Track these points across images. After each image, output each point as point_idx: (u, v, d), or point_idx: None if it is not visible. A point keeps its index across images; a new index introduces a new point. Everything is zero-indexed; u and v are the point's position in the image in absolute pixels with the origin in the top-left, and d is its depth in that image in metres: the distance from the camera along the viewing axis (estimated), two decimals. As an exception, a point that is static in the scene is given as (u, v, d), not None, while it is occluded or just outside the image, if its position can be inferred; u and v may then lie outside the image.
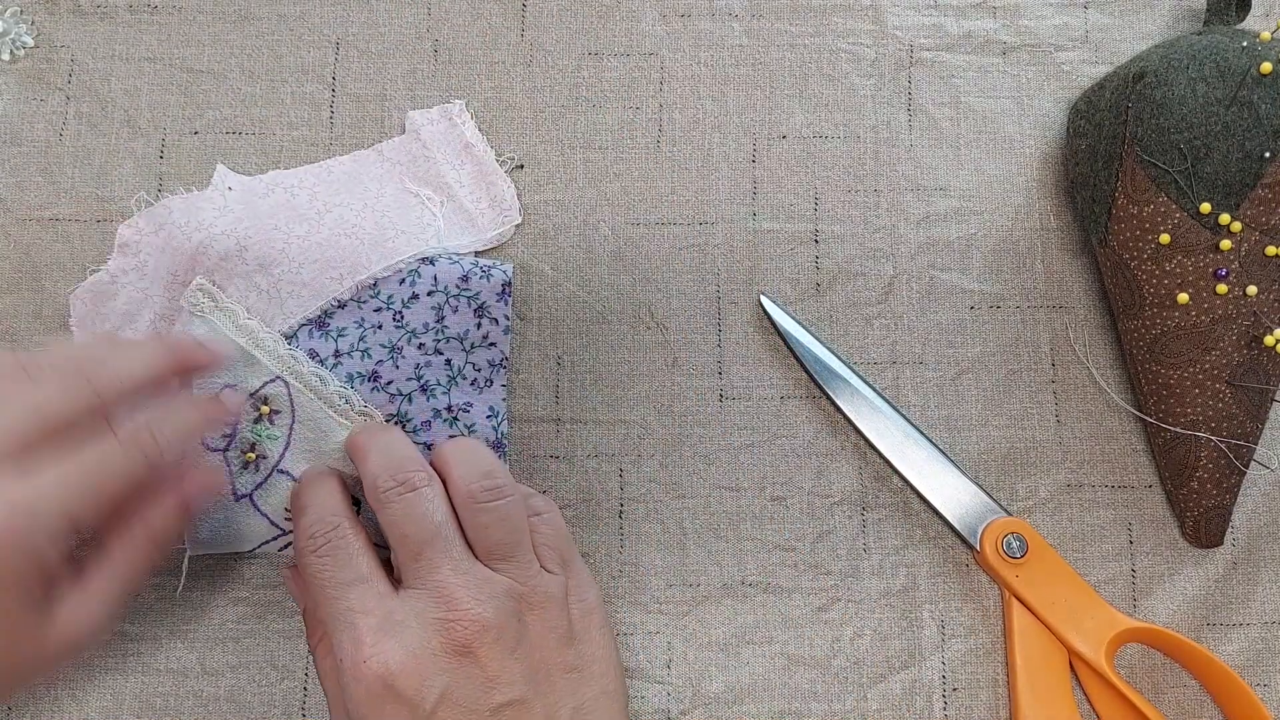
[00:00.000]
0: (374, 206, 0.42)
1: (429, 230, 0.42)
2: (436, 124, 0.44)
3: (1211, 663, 0.40)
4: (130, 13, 0.45)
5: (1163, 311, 0.40)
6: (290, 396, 0.38)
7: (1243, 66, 0.38)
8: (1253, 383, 0.40)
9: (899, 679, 0.41)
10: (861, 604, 0.42)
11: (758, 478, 0.43)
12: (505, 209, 0.44)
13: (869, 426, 0.42)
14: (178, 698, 0.40)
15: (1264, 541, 0.43)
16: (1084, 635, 0.40)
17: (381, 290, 0.41)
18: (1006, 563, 0.41)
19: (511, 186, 0.44)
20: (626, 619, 0.42)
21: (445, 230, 0.43)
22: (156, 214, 0.42)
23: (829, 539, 0.42)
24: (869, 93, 0.46)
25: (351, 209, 0.42)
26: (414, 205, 0.43)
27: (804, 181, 0.45)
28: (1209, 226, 0.39)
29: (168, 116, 0.44)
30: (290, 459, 0.38)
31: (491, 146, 0.44)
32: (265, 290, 0.40)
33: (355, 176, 0.43)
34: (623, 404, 0.43)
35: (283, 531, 0.38)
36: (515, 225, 0.44)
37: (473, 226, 0.43)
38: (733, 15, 0.46)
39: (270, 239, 0.40)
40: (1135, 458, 0.43)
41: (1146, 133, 0.39)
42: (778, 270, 0.44)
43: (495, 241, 0.43)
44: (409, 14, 0.46)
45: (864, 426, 0.42)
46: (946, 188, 0.45)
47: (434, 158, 0.44)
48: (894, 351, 0.44)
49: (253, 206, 0.42)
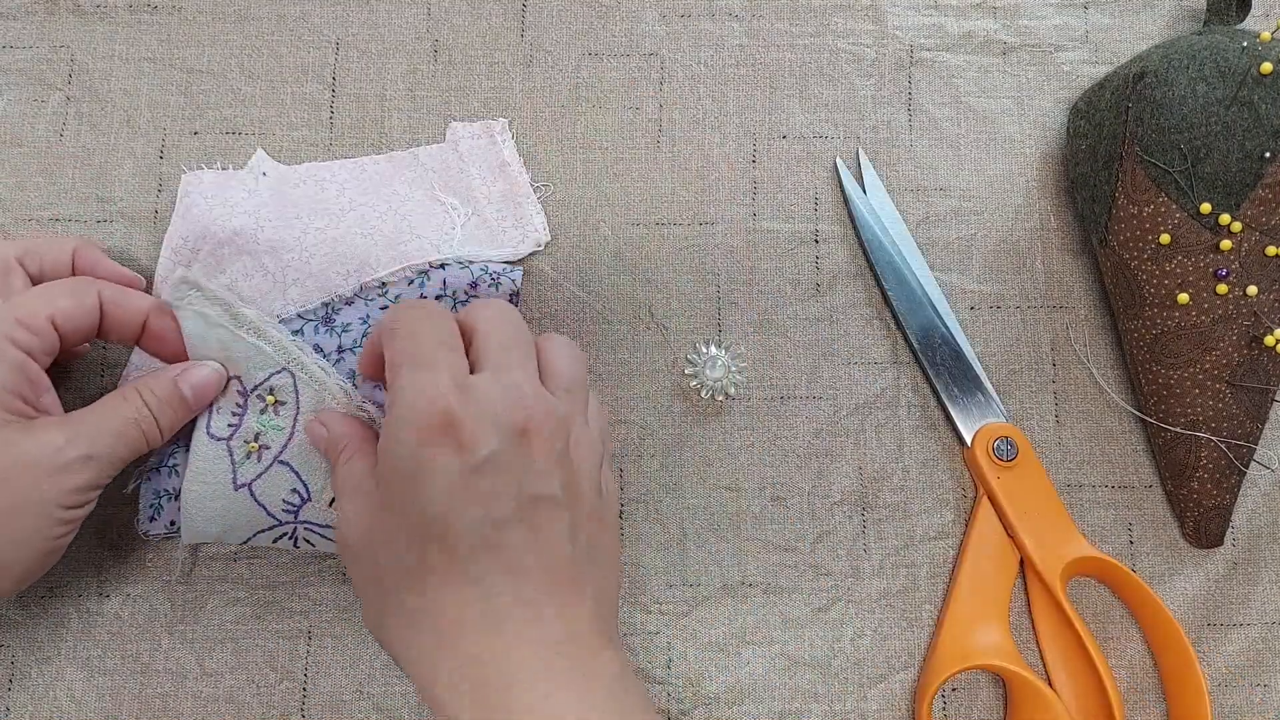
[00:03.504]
0: (398, 210, 0.43)
1: (447, 240, 0.42)
2: (477, 138, 0.44)
3: (1160, 613, 0.40)
4: (130, 13, 0.45)
5: (1163, 311, 0.40)
6: (296, 388, 0.38)
7: (1243, 66, 0.38)
8: (1253, 383, 0.40)
9: (899, 679, 0.41)
10: (861, 604, 0.42)
11: (758, 478, 0.43)
12: (529, 231, 0.43)
13: (903, 308, 0.43)
14: (177, 698, 0.40)
15: (1264, 541, 0.43)
16: (1045, 551, 0.41)
17: (390, 290, 0.41)
18: (993, 464, 0.41)
19: (541, 213, 0.44)
20: (626, 619, 0.41)
21: (463, 242, 0.43)
22: (186, 182, 0.43)
23: (829, 539, 0.42)
24: (869, 93, 0.46)
25: (375, 210, 0.42)
26: (438, 213, 0.43)
27: (804, 181, 0.45)
28: (1209, 226, 0.39)
29: (168, 116, 0.44)
30: (292, 450, 0.38)
31: (527, 170, 0.44)
32: (270, 273, 0.40)
33: (387, 178, 0.44)
34: (623, 404, 0.43)
35: (279, 522, 0.38)
36: (540, 245, 0.43)
37: (492, 242, 0.43)
38: (733, 15, 0.46)
39: (289, 226, 0.41)
40: (1135, 458, 0.43)
41: (1147, 133, 0.39)
42: (778, 270, 0.44)
43: (511, 257, 0.43)
44: (409, 14, 0.46)
45: (899, 308, 0.43)
46: (946, 188, 0.45)
47: (468, 171, 0.44)
48: (894, 352, 0.44)
49: (282, 195, 0.42)
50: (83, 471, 0.34)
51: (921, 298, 0.43)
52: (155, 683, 0.40)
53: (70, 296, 0.36)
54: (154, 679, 0.40)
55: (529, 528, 0.31)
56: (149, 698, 0.40)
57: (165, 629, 0.41)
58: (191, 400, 0.37)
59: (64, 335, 0.36)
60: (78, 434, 0.35)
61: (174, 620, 0.41)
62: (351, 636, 0.41)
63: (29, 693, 0.40)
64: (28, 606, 0.41)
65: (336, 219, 0.42)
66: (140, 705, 0.40)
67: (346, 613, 0.41)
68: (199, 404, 0.38)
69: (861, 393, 0.43)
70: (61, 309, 0.36)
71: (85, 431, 0.35)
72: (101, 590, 0.41)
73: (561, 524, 0.32)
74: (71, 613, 0.41)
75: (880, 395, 0.43)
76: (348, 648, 0.41)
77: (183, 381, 0.37)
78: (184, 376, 0.37)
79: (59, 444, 0.34)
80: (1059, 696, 0.40)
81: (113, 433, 0.35)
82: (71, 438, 0.34)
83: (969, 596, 0.41)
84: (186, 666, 0.41)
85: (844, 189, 0.44)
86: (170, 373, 0.37)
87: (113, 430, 0.35)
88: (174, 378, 0.37)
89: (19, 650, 0.40)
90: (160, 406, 0.36)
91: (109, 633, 0.41)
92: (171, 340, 0.38)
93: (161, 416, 0.37)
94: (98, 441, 0.35)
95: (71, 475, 0.34)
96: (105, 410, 0.36)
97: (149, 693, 0.40)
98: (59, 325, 0.36)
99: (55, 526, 0.34)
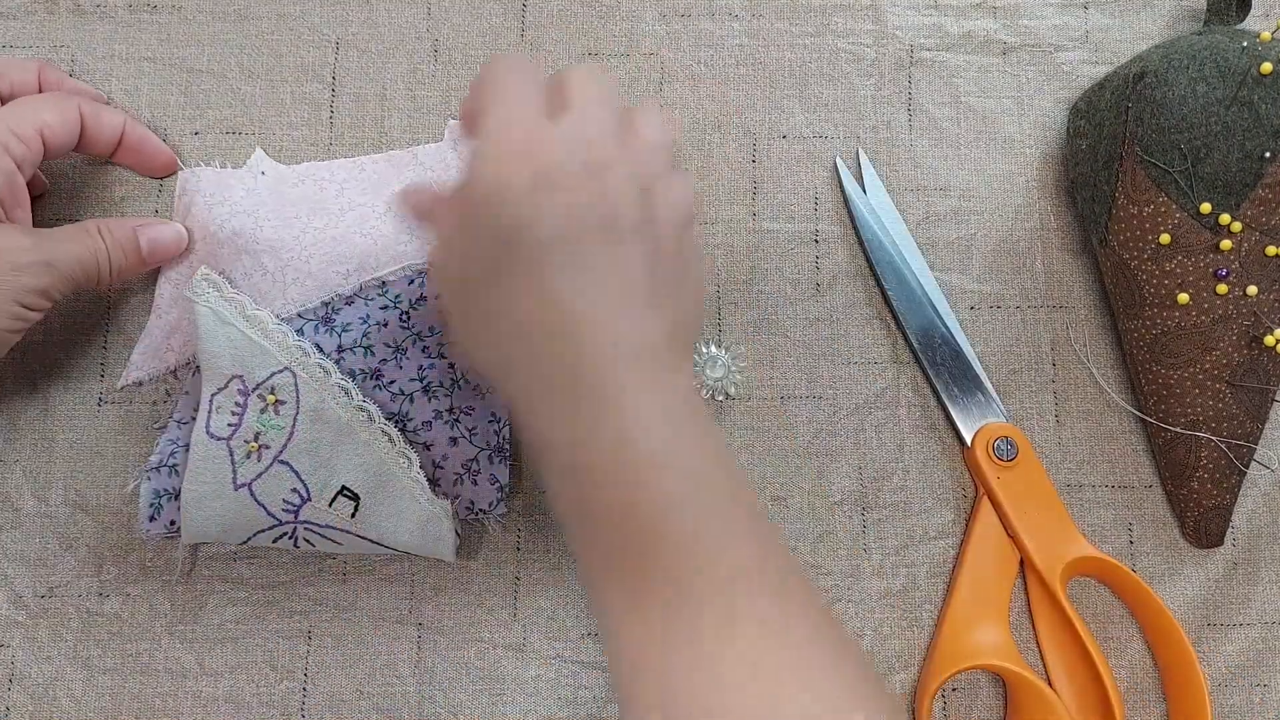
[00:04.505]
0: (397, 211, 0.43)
1: None
2: None
3: (1160, 614, 0.40)
4: (130, 13, 0.45)
5: (1163, 311, 0.40)
6: (296, 388, 0.38)
7: (1243, 66, 0.38)
8: (1253, 383, 0.40)
9: (899, 679, 0.41)
10: (861, 604, 0.42)
11: (758, 478, 0.43)
12: None
13: (903, 308, 0.43)
14: (177, 698, 0.40)
15: (1264, 541, 0.43)
16: (1045, 550, 0.41)
17: (390, 289, 0.41)
18: (993, 464, 0.41)
19: None
20: (626, 619, 0.41)
21: None
22: (184, 179, 0.43)
23: (829, 539, 0.42)
24: (869, 93, 0.46)
25: (374, 210, 0.42)
26: None
27: (804, 181, 0.45)
28: (1209, 226, 0.39)
29: (168, 116, 0.44)
30: (292, 450, 0.38)
31: None
32: (271, 272, 0.40)
33: (386, 178, 0.44)
34: (623, 404, 0.43)
35: (279, 522, 0.38)
36: None
37: None
38: (733, 15, 0.46)
39: (288, 225, 0.41)
40: (1135, 458, 0.43)
41: (1147, 133, 0.39)
42: (778, 270, 0.44)
43: None
44: (409, 14, 0.46)
45: (899, 307, 0.43)
46: (946, 188, 0.45)
47: None
48: (894, 352, 0.44)
49: (281, 194, 0.42)
50: (41, 276, 0.37)
51: (921, 298, 0.43)
52: (155, 683, 0.40)
53: (55, 111, 0.39)
54: (154, 679, 0.40)
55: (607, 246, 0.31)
56: (149, 698, 0.40)
57: (165, 629, 0.41)
58: (145, 252, 0.40)
59: (49, 148, 0.38)
60: (41, 243, 0.37)
61: (174, 620, 0.41)
62: (351, 636, 0.41)
63: (29, 693, 0.40)
64: (28, 606, 0.41)
65: (336, 218, 0.42)
66: (140, 705, 0.40)
67: (346, 613, 0.41)
68: (152, 259, 0.40)
69: (861, 393, 0.43)
70: (47, 122, 0.38)
71: (48, 245, 0.37)
72: (101, 590, 0.41)
73: (639, 250, 0.31)
74: (71, 613, 0.41)
75: (880, 395, 0.43)
76: (348, 648, 0.41)
77: (142, 232, 0.40)
78: (144, 228, 0.40)
79: (25, 245, 0.37)
80: (1059, 696, 0.40)
81: (72, 254, 0.38)
82: (36, 244, 0.37)
83: (969, 596, 0.41)
84: (186, 666, 0.41)
85: (844, 189, 0.44)
86: (132, 221, 0.40)
87: (73, 252, 0.38)
88: (135, 226, 0.40)
89: (19, 650, 0.40)
90: (114, 246, 0.39)
91: (109, 633, 0.41)
92: (148, 150, 0.42)
93: (114, 257, 0.39)
94: (57, 254, 0.37)
95: (30, 276, 0.37)
96: (68, 233, 0.38)
97: (149, 693, 0.40)
98: (45, 138, 0.38)
99: (7, 319, 0.37)
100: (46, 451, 0.42)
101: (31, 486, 0.42)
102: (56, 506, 0.41)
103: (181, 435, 0.40)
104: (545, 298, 0.30)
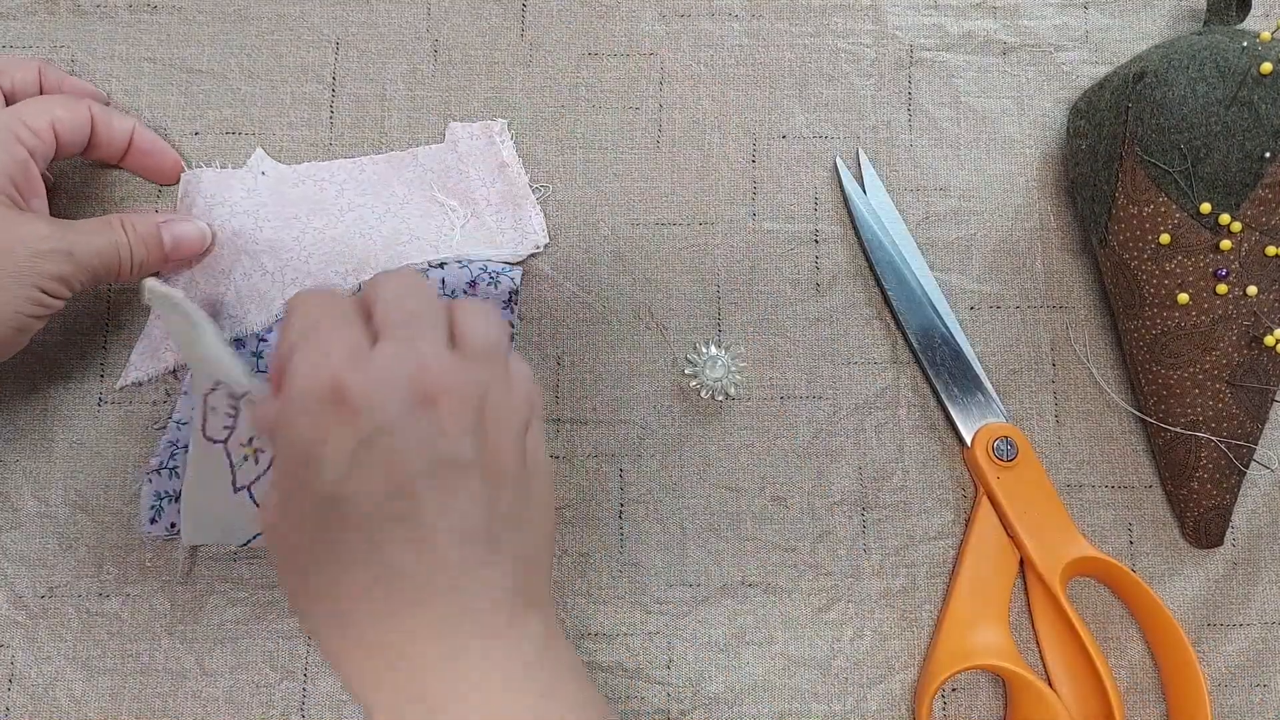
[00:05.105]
0: (396, 212, 0.43)
1: (445, 241, 0.42)
2: (476, 139, 0.44)
3: (1160, 614, 0.40)
4: (130, 13, 0.45)
5: (1163, 311, 0.40)
6: None
7: (1243, 66, 0.38)
8: (1253, 383, 0.40)
9: (899, 679, 0.41)
10: (861, 604, 0.42)
11: (758, 478, 0.43)
12: (528, 233, 0.43)
13: (903, 308, 0.43)
14: (177, 698, 0.40)
15: (1264, 541, 0.43)
16: (1045, 550, 0.41)
17: None
18: (993, 464, 0.41)
19: (540, 214, 0.44)
20: (626, 619, 0.42)
21: (461, 243, 0.43)
22: (186, 181, 0.43)
23: (829, 539, 0.42)
24: (869, 93, 0.46)
25: (374, 211, 0.42)
26: (437, 214, 0.43)
27: (804, 181, 0.45)
28: (1209, 226, 0.39)
29: (168, 116, 0.44)
30: None
31: (527, 170, 0.44)
32: (271, 272, 0.41)
33: (386, 179, 0.44)
34: (623, 404, 0.43)
35: None
36: (538, 248, 0.43)
37: (491, 244, 0.43)
38: (733, 15, 0.46)
39: (288, 225, 0.41)
40: (1135, 458, 0.43)
41: (1146, 133, 0.39)
42: (778, 270, 0.44)
43: (510, 258, 0.43)
44: (409, 14, 0.46)
45: (899, 307, 0.43)
46: (946, 188, 0.45)
47: (467, 172, 0.44)
48: (894, 352, 0.44)
49: (281, 194, 0.42)
50: (61, 264, 0.37)
51: (921, 298, 0.43)
52: (155, 683, 0.40)
53: (66, 109, 0.39)
54: (154, 679, 0.40)
55: (439, 492, 0.29)
56: (149, 698, 0.40)
57: (165, 629, 0.41)
58: (169, 247, 0.40)
59: (60, 143, 0.39)
60: (63, 232, 0.37)
61: (174, 620, 0.41)
62: (351, 636, 0.41)
63: (29, 693, 0.40)
64: (28, 606, 0.41)
65: (335, 219, 0.42)
66: (140, 705, 0.40)
67: (346, 613, 0.41)
68: (175, 255, 0.40)
69: (861, 393, 0.43)
70: (59, 118, 0.38)
71: (69, 235, 0.37)
72: (101, 590, 0.41)
73: (475, 488, 0.29)
74: (71, 613, 0.41)
75: (880, 395, 0.43)
76: (348, 648, 0.41)
77: (166, 228, 0.40)
78: (169, 224, 0.40)
79: (45, 233, 0.36)
80: (1059, 696, 0.40)
81: (93, 245, 0.38)
82: (57, 232, 0.37)
83: (969, 596, 0.41)
84: (186, 666, 0.41)
85: (844, 189, 0.44)
86: (157, 216, 0.40)
87: (94, 243, 0.38)
88: (159, 221, 0.40)
89: (19, 650, 0.40)
90: (137, 241, 0.39)
91: (109, 633, 0.41)
92: (157, 155, 0.42)
93: (137, 251, 0.39)
94: (78, 244, 0.37)
95: (51, 263, 0.36)
96: (91, 225, 0.38)
97: (149, 693, 0.40)
98: (57, 131, 0.38)
99: (28, 305, 0.36)
100: (46, 452, 0.42)
101: (31, 487, 0.42)
102: (56, 507, 0.41)
103: (181, 436, 0.40)
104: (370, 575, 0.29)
